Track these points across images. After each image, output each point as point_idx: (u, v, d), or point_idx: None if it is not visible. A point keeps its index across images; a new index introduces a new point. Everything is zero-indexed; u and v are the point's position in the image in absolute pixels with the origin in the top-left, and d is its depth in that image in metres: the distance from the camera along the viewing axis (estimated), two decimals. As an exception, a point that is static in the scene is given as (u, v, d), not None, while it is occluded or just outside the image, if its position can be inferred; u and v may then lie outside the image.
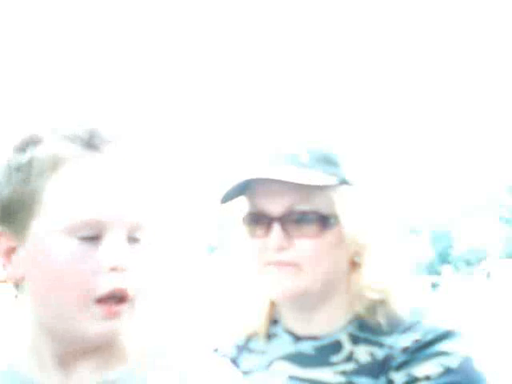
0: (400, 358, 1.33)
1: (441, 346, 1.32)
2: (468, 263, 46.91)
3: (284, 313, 1.48)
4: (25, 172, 0.99)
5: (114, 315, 0.98)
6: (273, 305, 1.52)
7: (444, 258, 50.63)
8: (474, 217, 52.93)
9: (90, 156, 0.99)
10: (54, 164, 0.98)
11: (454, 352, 1.31)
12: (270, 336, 1.51)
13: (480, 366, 1.34)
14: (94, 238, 0.97)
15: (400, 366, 1.33)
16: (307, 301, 1.40)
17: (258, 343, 1.52)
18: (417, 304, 1.42)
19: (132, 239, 1.01)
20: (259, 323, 1.52)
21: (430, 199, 53.80)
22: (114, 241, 0.98)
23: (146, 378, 1.06)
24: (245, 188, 1.39)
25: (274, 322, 1.52)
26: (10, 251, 1.02)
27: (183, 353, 1.10)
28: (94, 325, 0.97)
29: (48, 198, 0.98)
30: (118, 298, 0.98)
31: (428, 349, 1.32)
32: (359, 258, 1.41)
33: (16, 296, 1.05)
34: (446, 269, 42.58)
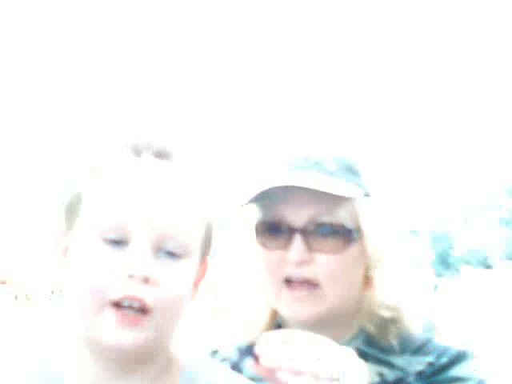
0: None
1: (456, 371, 1.27)
2: (468, 265, 46.84)
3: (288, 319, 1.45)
4: (75, 176, 1.04)
5: (130, 323, 0.96)
6: (275, 310, 1.48)
7: (443, 260, 50.61)
8: (473, 218, 52.91)
9: (129, 162, 1.00)
10: (94, 169, 1.01)
11: (470, 377, 1.27)
12: None
13: None
14: (120, 243, 0.97)
15: None
16: (321, 320, 1.33)
17: None
18: (427, 319, 1.37)
19: (167, 253, 0.98)
20: (262, 329, 1.49)
21: (430, 200, 53.80)
22: (138, 249, 0.96)
23: None
24: (259, 194, 1.28)
25: (277, 326, 1.49)
26: (66, 250, 1.05)
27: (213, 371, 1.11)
28: (110, 331, 0.96)
29: (86, 201, 1.01)
30: (137, 309, 0.96)
31: (443, 374, 1.27)
32: (372, 272, 1.34)
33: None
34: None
